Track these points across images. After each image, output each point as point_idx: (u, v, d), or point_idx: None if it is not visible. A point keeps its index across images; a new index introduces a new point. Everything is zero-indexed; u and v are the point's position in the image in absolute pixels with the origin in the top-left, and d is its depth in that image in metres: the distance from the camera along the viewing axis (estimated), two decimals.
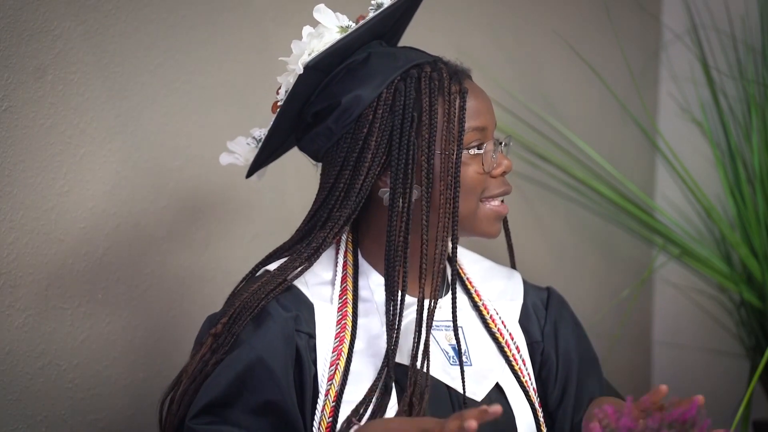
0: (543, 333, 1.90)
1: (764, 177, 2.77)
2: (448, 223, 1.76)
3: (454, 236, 1.76)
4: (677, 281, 3.15)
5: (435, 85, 1.77)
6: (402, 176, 1.75)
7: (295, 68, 1.76)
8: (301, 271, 1.76)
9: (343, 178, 1.77)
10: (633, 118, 3.05)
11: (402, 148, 1.75)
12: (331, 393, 1.71)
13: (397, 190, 1.75)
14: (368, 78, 1.77)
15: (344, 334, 1.75)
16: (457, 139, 1.76)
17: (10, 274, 1.99)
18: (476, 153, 1.78)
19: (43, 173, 2.02)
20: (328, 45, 1.77)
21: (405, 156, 1.75)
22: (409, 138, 1.75)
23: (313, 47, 1.77)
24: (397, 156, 1.75)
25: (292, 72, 1.78)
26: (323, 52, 1.76)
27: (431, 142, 1.75)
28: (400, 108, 1.76)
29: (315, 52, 1.77)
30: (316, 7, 1.78)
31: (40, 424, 2.03)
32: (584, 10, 3.04)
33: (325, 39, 1.77)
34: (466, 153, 1.77)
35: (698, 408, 1.43)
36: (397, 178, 1.75)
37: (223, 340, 1.71)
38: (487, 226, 1.81)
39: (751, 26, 2.98)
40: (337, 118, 1.77)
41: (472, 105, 1.78)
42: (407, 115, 1.75)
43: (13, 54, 1.97)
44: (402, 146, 1.75)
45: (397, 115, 1.76)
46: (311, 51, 1.77)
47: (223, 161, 1.88)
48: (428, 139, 1.75)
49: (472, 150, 1.78)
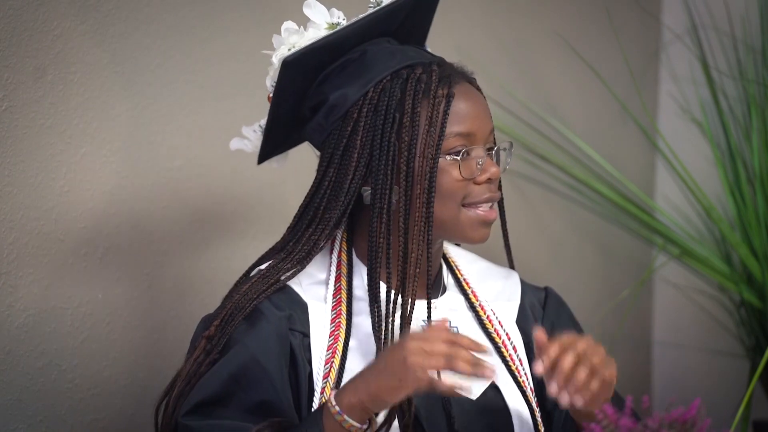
0: None
1: (764, 177, 2.77)
2: (424, 227, 1.74)
3: (428, 240, 1.74)
4: (677, 281, 3.15)
5: (421, 88, 1.75)
6: (382, 177, 1.74)
7: (274, 62, 1.77)
8: (293, 273, 1.76)
9: (329, 175, 1.76)
10: (633, 118, 3.05)
11: (383, 149, 1.74)
12: (327, 391, 1.71)
13: (378, 190, 1.74)
14: (357, 76, 1.76)
15: (339, 332, 1.75)
16: (436, 143, 1.74)
17: (10, 274, 1.99)
18: (453, 159, 1.75)
19: (43, 173, 2.02)
20: (312, 41, 1.76)
21: (385, 157, 1.74)
22: (390, 139, 1.74)
23: (294, 42, 1.76)
24: (378, 156, 1.74)
25: (273, 66, 1.78)
26: (304, 48, 1.76)
27: (411, 145, 1.74)
28: (384, 108, 1.74)
29: (296, 47, 1.76)
30: (306, 2, 1.78)
31: (40, 424, 2.03)
32: (584, 10, 3.04)
33: (308, 35, 1.77)
34: (445, 159, 1.75)
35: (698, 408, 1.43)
36: (377, 179, 1.74)
37: (216, 342, 1.71)
38: (469, 232, 1.77)
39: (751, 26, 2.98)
40: (326, 114, 1.77)
41: (460, 109, 1.76)
42: (389, 116, 1.74)
43: (13, 54, 1.97)
44: (383, 147, 1.74)
45: (380, 115, 1.74)
46: (291, 46, 1.76)
47: (233, 146, 1.88)
48: (408, 141, 1.74)
49: (450, 156, 1.75)
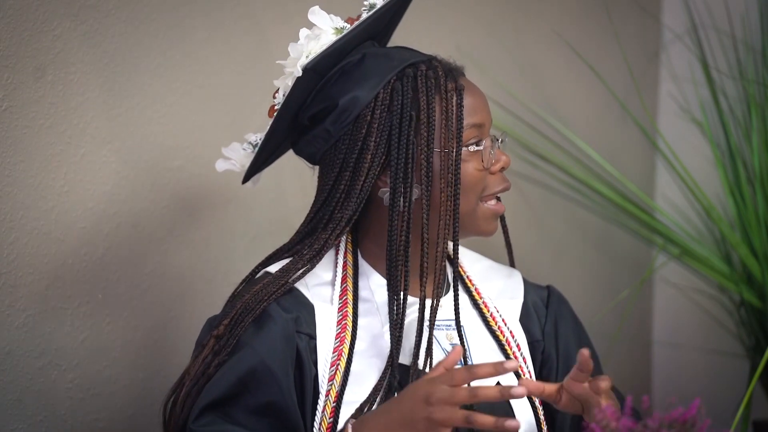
0: (543, 331, 1.90)
1: (764, 177, 2.77)
2: (449, 222, 1.75)
3: (455, 235, 1.76)
4: (677, 281, 3.15)
5: (431, 84, 1.76)
6: (402, 176, 1.75)
7: (293, 71, 1.76)
8: (303, 272, 1.76)
9: (344, 179, 1.76)
10: (633, 118, 3.05)
11: (401, 148, 1.75)
12: (332, 393, 1.71)
13: (398, 189, 1.75)
14: (364, 79, 1.77)
15: (345, 334, 1.75)
16: (456, 136, 1.76)
17: (10, 274, 1.99)
18: (475, 150, 1.78)
19: (43, 173, 2.02)
20: (324, 47, 1.77)
21: (404, 155, 1.75)
22: (408, 137, 1.75)
23: (311, 49, 1.77)
24: (397, 155, 1.75)
25: (290, 75, 1.77)
26: (320, 53, 1.76)
27: (430, 141, 1.75)
28: (398, 107, 1.75)
29: (312, 54, 1.77)
30: (311, 10, 1.78)
31: (40, 424, 2.03)
32: (584, 10, 3.04)
33: (321, 41, 1.77)
34: (466, 150, 1.77)
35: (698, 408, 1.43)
36: (397, 178, 1.75)
37: (225, 342, 1.71)
38: (485, 225, 1.81)
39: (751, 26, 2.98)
40: (334, 120, 1.77)
41: (469, 102, 1.78)
42: (405, 115, 1.75)
43: (13, 54, 1.97)
44: (401, 146, 1.75)
45: (395, 115, 1.75)
46: (309, 53, 1.77)
47: (219, 168, 1.88)
48: (427, 137, 1.75)
49: (471, 147, 1.78)
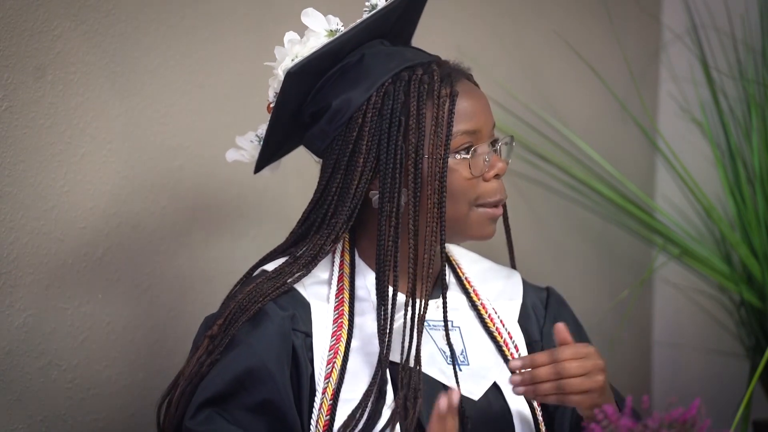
0: (542, 332, 1.90)
1: (764, 177, 2.77)
2: (436, 228, 1.75)
3: (441, 241, 1.75)
4: (677, 281, 3.15)
5: (424, 89, 1.75)
6: (390, 180, 1.74)
7: (277, 74, 1.77)
8: (299, 277, 1.76)
9: (335, 180, 1.76)
10: (633, 118, 3.05)
11: (390, 153, 1.75)
12: (328, 391, 1.71)
13: (386, 194, 1.74)
14: (359, 80, 1.76)
15: (341, 332, 1.75)
16: (444, 144, 1.74)
17: (10, 274, 1.99)
18: (463, 158, 1.76)
19: (43, 173, 2.02)
20: (313, 49, 1.76)
21: (393, 160, 1.74)
22: (396, 142, 1.74)
23: (297, 52, 1.77)
24: (385, 160, 1.75)
25: (277, 77, 1.78)
26: (307, 57, 1.76)
27: (419, 147, 1.74)
28: (388, 112, 1.75)
29: (299, 57, 1.76)
30: (304, 11, 1.78)
31: (40, 424, 2.03)
32: (584, 10, 3.04)
33: (310, 44, 1.77)
34: (454, 157, 1.76)
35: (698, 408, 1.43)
36: (385, 182, 1.75)
37: (219, 341, 1.71)
38: (478, 230, 1.80)
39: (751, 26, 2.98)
40: (329, 119, 1.77)
41: (464, 107, 1.77)
42: (395, 119, 1.75)
43: (13, 54, 1.97)
44: (390, 150, 1.75)
45: (385, 119, 1.75)
46: (294, 56, 1.77)
47: (229, 157, 1.88)
48: (415, 143, 1.74)
49: (459, 154, 1.77)
